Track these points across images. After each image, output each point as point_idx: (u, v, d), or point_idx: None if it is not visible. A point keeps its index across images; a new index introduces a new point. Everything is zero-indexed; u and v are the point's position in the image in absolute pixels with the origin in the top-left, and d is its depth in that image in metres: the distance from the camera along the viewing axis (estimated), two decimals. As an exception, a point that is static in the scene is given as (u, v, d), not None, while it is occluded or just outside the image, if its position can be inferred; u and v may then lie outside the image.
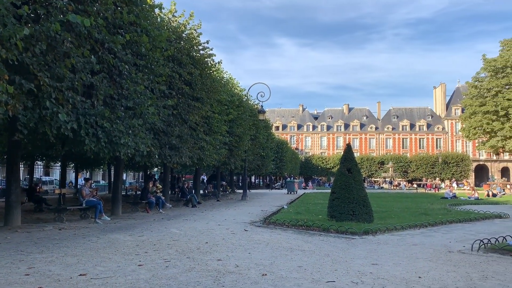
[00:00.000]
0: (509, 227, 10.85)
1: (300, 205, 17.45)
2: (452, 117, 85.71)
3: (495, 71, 49.54)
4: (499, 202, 22.23)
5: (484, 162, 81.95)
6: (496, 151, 52.97)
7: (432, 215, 12.89)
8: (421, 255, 6.85)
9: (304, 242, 8.19)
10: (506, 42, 51.15)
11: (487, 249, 7.22)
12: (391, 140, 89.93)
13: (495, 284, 4.99)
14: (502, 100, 46.86)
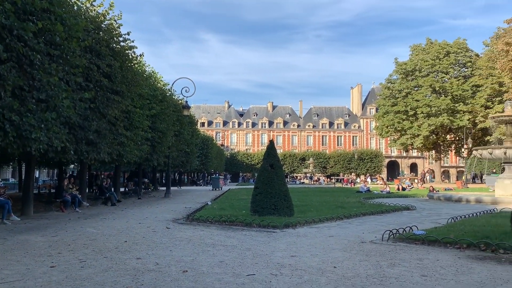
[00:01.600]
0: (416, 218, 11.79)
1: (225, 201, 17.52)
2: (367, 116, 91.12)
3: (406, 74, 53.49)
4: (408, 195, 24.09)
5: (395, 158, 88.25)
6: (405, 148, 57.30)
7: (348, 208, 13.61)
8: (336, 246, 7.21)
9: (227, 237, 8.24)
10: (415, 47, 55.42)
11: (395, 239, 7.76)
12: (312, 137, 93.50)
13: (401, 270, 5.40)
14: (411, 101, 50.71)
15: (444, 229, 8.64)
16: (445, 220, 10.39)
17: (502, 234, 7.57)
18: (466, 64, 52.69)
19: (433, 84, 50.11)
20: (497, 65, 36.63)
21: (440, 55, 51.79)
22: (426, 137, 50.60)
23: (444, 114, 48.49)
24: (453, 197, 19.23)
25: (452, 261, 5.98)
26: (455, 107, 48.85)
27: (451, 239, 7.24)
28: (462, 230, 8.22)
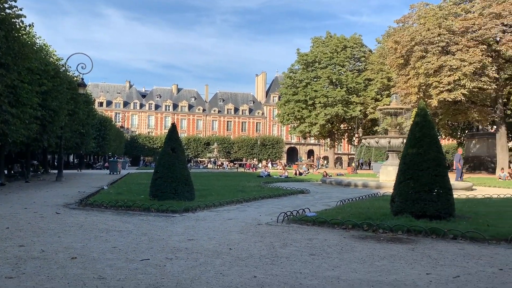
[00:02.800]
0: (309, 201, 12.52)
1: (123, 186, 16.87)
2: (271, 103, 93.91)
3: (306, 65, 55.97)
4: (304, 180, 25.44)
5: (295, 144, 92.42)
6: (304, 135, 60.30)
7: (248, 192, 13.97)
8: (234, 229, 7.38)
9: (123, 222, 7.97)
10: (316, 39, 58.12)
11: (289, 221, 8.17)
12: (217, 122, 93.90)
13: (292, 250, 5.71)
14: (310, 91, 53.31)
15: (333, 211, 9.29)
16: (335, 203, 11.17)
17: (382, 215, 8.36)
18: (361, 58, 56.75)
19: (331, 76, 53.18)
20: (387, 61, 39.97)
21: (338, 49, 55.03)
22: (323, 126, 53.69)
23: (339, 105, 51.79)
24: (343, 181, 20.73)
25: (338, 241, 6.47)
26: (349, 98, 52.44)
27: (338, 220, 7.82)
28: (349, 212, 8.91)
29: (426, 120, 8.56)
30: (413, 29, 33.69)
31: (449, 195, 8.20)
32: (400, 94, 34.21)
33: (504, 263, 5.22)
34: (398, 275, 4.55)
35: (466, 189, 17.12)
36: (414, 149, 8.34)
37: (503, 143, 33.87)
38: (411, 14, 36.69)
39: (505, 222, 7.90)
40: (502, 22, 28.83)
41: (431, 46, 30.99)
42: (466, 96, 31.09)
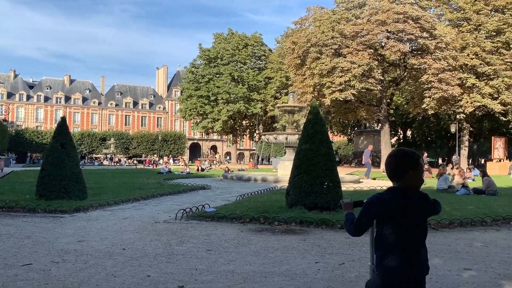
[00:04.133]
0: (210, 197, 12.56)
1: (5, 185, 15.28)
2: (172, 98, 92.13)
3: (209, 60, 55.94)
4: (206, 176, 25.45)
5: (197, 140, 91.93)
6: (207, 131, 60.32)
7: (146, 189, 13.57)
8: (129, 228, 7.11)
9: (3, 225, 7.23)
10: (218, 35, 58.33)
11: (188, 217, 8.10)
12: (115, 117, 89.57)
13: (189, 247, 5.69)
14: (213, 87, 53.42)
15: (232, 206, 9.44)
16: (234, 197, 11.35)
17: (279, 208, 8.70)
18: (261, 57, 58.26)
19: (233, 72, 53.83)
20: (285, 61, 41.62)
21: (240, 46, 55.87)
22: (225, 122, 54.19)
23: (241, 102, 52.68)
24: (244, 176, 21.16)
25: (236, 235, 6.59)
26: (250, 95, 53.61)
27: (236, 214, 7.96)
28: (247, 206, 9.12)
29: (317, 118, 9.07)
30: (309, 31, 35.52)
31: (338, 187, 8.81)
32: (297, 92, 35.86)
33: (382, 248, 5.76)
34: (289, 265, 4.78)
35: (354, 182, 18.54)
36: (307, 145, 8.81)
37: (387, 140, 37.31)
38: (308, 17, 38.60)
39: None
40: (387, 29, 31.67)
41: (325, 48, 32.96)
42: (355, 96, 33.66)
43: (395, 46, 31.14)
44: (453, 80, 32.26)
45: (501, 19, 33.86)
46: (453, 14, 36.86)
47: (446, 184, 14.03)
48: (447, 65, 31.78)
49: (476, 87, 33.58)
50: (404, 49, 31.74)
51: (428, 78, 31.87)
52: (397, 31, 31.33)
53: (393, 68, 36.94)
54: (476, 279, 4.36)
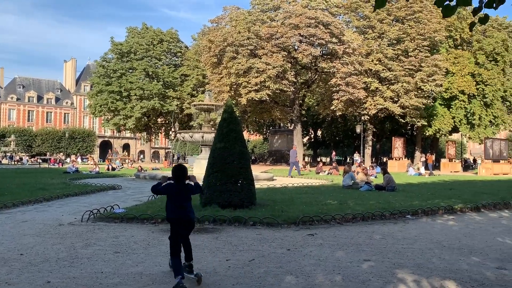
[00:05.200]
0: (120, 197, 12.07)
1: None
2: (81, 93, 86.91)
3: (121, 55, 53.70)
4: (117, 175, 24.40)
5: (109, 138, 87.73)
6: (118, 128, 57.83)
7: (50, 190, 12.68)
8: (29, 232, 6.60)
9: None
10: (132, 29, 56.26)
11: (96, 219, 7.72)
12: (16, 112, 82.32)
13: (95, 249, 5.42)
14: (125, 82, 51.36)
15: (144, 206, 9.17)
16: (146, 197, 11.02)
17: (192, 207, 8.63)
18: (177, 53, 57.27)
19: (147, 68, 52.25)
20: (202, 59, 41.36)
21: (155, 42, 54.38)
22: (139, 119, 52.43)
23: (155, 98, 51.33)
24: (157, 176, 20.62)
25: (146, 236, 6.42)
26: (166, 92, 52.46)
27: (148, 215, 7.75)
28: (160, 206, 8.89)
29: (232, 117, 9.17)
30: (226, 30, 35.71)
31: (251, 185, 8.99)
32: (213, 91, 35.89)
33: (291, 244, 5.99)
34: (200, 264, 4.77)
35: (268, 179, 19.03)
36: (222, 144, 8.86)
37: (299, 139, 38.81)
38: (224, 16, 38.76)
39: (295, 207, 9.08)
40: (300, 32, 32.91)
41: (241, 48, 33.39)
42: (270, 97, 34.54)
43: (307, 49, 32.46)
44: (359, 84, 34.48)
45: (401, 29, 36.90)
46: (359, 21, 39.39)
47: (351, 181, 14.96)
48: (354, 69, 33.88)
49: (379, 91, 36.22)
50: (315, 53, 33.21)
51: (337, 82, 33.72)
52: (309, 35, 32.68)
53: (305, 70, 38.50)
54: (374, 269, 4.71)
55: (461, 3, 3.41)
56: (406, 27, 36.81)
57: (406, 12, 37.12)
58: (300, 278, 4.33)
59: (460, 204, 10.27)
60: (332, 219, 7.92)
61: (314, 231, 6.96)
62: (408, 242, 6.31)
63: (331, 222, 7.81)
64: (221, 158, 8.70)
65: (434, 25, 36.53)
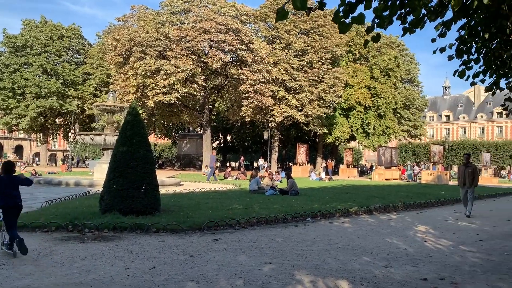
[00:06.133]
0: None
1: None
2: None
3: (15, 49, 49.20)
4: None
5: (-2, 139, 79.58)
6: (10, 128, 52.72)
7: None
8: None
9: None
10: (28, 22, 51.84)
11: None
12: None
13: (-25, 263, 4.87)
14: (20, 79, 47.04)
15: (36, 213, 8.47)
16: (40, 204, 10.19)
17: (91, 214, 8.15)
18: (79, 51, 53.93)
19: (45, 64, 48.42)
20: (107, 58, 39.43)
21: (54, 37, 50.65)
22: (34, 119, 48.35)
23: (54, 97, 47.73)
24: (53, 180, 19.22)
25: (37, 245, 5.92)
26: (66, 91, 49.06)
27: (40, 223, 7.17)
28: (54, 213, 8.30)
29: (136, 120, 8.86)
30: (133, 30, 34.46)
31: (155, 191, 8.75)
32: (118, 92, 34.41)
33: (195, 250, 5.94)
34: (97, 274, 4.51)
35: (175, 184, 18.69)
36: (125, 147, 8.51)
37: (208, 144, 38.72)
38: (132, 15, 37.41)
39: (202, 212, 9.02)
40: (210, 37, 32.93)
41: (149, 49, 32.46)
42: (179, 100, 34.02)
43: (217, 55, 32.62)
44: (267, 91, 35.52)
45: (306, 41, 38.80)
46: (268, 31, 40.64)
47: (257, 186, 15.30)
48: (262, 77, 34.83)
49: (285, 99, 37.65)
50: (225, 59, 33.49)
51: (246, 88, 34.38)
52: (219, 41, 32.88)
53: (215, 76, 38.62)
54: (274, 272, 4.85)
55: (355, 22, 3.68)
56: (311, 40, 38.79)
57: (311, 26, 39.14)
58: (201, 284, 4.31)
59: (355, 207, 11.03)
60: (237, 224, 8.02)
61: (219, 236, 6.97)
62: (307, 244, 6.61)
63: (236, 227, 7.90)
64: (123, 162, 8.36)
65: (336, 39, 38.99)
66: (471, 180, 11.61)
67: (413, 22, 4.53)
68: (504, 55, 6.01)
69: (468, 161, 12.08)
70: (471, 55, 6.22)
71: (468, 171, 11.70)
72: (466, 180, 11.66)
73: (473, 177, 11.63)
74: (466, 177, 11.68)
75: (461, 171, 11.93)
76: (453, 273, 5.11)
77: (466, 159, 12.19)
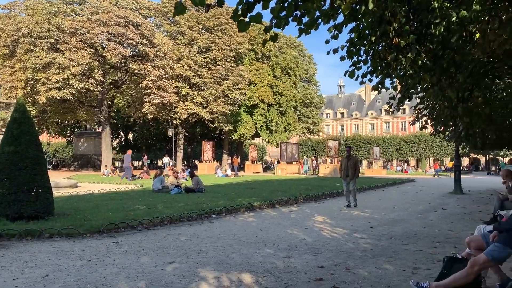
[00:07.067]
0: None
1: None
2: None
3: None
4: None
5: None
6: None
7: None
8: None
9: None
10: None
11: None
12: None
13: None
14: None
15: None
16: None
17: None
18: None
19: None
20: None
21: None
22: None
23: None
24: None
25: None
26: None
27: None
28: None
29: (25, 117, 8.12)
30: (21, 19, 31.42)
31: (48, 194, 8.11)
32: (4, 86, 31.22)
33: (94, 254, 5.63)
34: (-22, 289, 4.07)
35: (71, 186, 17.47)
36: (12, 147, 7.77)
37: (108, 142, 36.83)
38: (18, 3, 34.09)
39: (101, 215, 8.58)
40: (108, 30, 31.26)
41: (40, 41, 29.88)
42: (74, 96, 31.81)
43: (116, 49, 31.13)
44: (170, 88, 34.85)
45: (209, 38, 38.79)
46: (170, 26, 39.86)
47: (161, 185, 14.96)
48: (165, 73, 34.07)
49: (190, 96, 37.29)
50: (125, 53, 32.10)
51: (148, 84, 33.38)
52: (118, 34, 31.42)
53: (114, 70, 36.84)
54: (178, 271, 4.79)
55: (254, 21, 3.77)
56: (214, 37, 38.89)
57: (214, 23, 39.23)
58: (101, 289, 4.10)
59: (259, 202, 11.34)
60: (139, 225, 7.77)
61: (119, 239, 6.70)
62: (212, 240, 6.64)
63: (138, 228, 7.65)
64: (10, 164, 7.62)
65: (239, 38, 39.57)
66: (353, 172, 11.78)
67: (308, 24, 4.77)
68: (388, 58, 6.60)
69: (350, 154, 12.16)
70: (360, 57, 6.74)
71: (350, 164, 11.84)
72: (349, 172, 11.80)
73: (354, 169, 11.79)
74: (349, 169, 11.81)
75: (344, 164, 12.03)
76: (347, 259, 5.51)
77: (348, 151, 12.26)
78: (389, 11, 5.64)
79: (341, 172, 12.26)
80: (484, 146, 17.61)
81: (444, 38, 6.48)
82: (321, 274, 4.74)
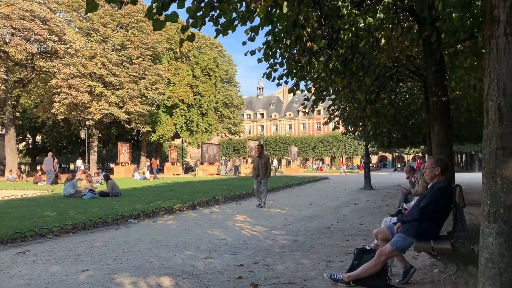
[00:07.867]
0: None
1: None
2: None
3: None
4: None
5: None
6: None
7: None
8: None
9: None
10: None
11: None
12: None
13: None
14: None
15: None
16: None
17: None
18: None
19: None
20: None
21: None
22: None
23: None
24: None
25: None
26: None
27: None
28: None
29: None
30: None
31: None
32: None
33: (-5, 266, 5.17)
34: None
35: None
36: None
37: (12, 145, 33.93)
38: None
39: (5, 224, 7.89)
40: (12, 24, 28.80)
41: None
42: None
43: (21, 44, 28.80)
44: (83, 87, 33.05)
45: (125, 36, 37.39)
46: (82, 22, 37.78)
47: (74, 189, 14.13)
48: (77, 71, 32.22)
49: (104, 96, 35.62)
50: (31, 50, 29.82)
51: (58, 83, 31.37)
52: (23, 29, 29.08)
53: (19, 68, 34.02)
54: (92, 279, 4.57)
55: (169, 20, 3.72)
56: (130, 35, 37.57)
57: (130, 20, 37.91)
58: (4, 304, 3.78)
59: (179, 204, 11.18)
60: (49, 233, 7.27)
61: (26, 248, 6.21)
62: (128, 245, 6.41)
63: (48, 236, 7.16)
64: None
65: (156, 36, 38.64)
66: (264, 171, 11.60)
67: (225, 25, 4.81)
68: (302, 61, 6.87)
69: (262, 153, 11.92)
70: (276, 59, 6.94)
71: (262, 163, 11.65)
72: (260, 171, 11.63)
73: (266, 168, 11.63)
74: (260, 168, 11.62)
75: (255, 163, 11.87)
76: (266, 256, 5.64)
77: (260, 150, 12.01)
78: (303, 16, 5.88)
79: (253, 171, 12.06)
80: (390, 144, 19.00)
81: (353, 43, 6.91)
82: (240, 273, 4.80)
